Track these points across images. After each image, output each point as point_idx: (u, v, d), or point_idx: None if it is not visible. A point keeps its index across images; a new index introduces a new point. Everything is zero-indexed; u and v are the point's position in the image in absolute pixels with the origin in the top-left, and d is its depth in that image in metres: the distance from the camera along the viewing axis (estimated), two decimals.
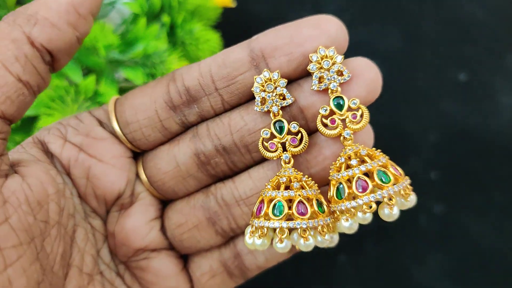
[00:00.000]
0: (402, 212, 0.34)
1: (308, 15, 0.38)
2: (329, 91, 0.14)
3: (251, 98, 0.15)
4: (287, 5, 0.37)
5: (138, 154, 0.18)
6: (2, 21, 0.14)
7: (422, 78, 0.36)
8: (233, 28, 0.37)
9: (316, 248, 0.35)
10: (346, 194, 0.13)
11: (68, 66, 0.25)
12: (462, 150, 0.34)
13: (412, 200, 0.14)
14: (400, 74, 0.29)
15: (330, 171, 0.14)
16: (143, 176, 0.17)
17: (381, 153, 0.14)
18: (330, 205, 0.14)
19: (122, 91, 0.29)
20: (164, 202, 0.18)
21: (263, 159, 0.16)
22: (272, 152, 0.14)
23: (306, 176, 0.14)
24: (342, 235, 0.34)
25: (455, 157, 0.34)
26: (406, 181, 0.14)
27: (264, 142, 0.15)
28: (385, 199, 0.13)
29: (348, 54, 0.38)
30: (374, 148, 0.15)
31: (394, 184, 0.13)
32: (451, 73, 0.35)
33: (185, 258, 0.18)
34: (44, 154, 0.16)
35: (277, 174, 0.14)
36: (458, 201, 0.33)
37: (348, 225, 0.13)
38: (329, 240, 0.14)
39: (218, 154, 0.16)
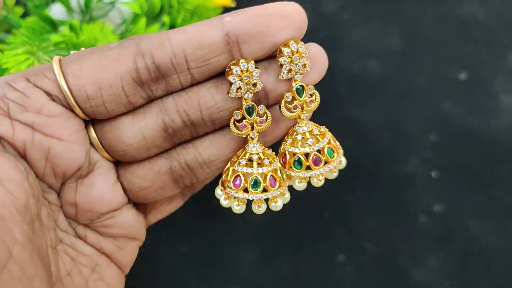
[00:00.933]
0: (402, 212, 0.34)
1: (308, 14, 0.38)
2: (293, 80, 0.17)
3: (218, 75, 0.16)
4: None
5: (87, 121, 0.17)
6: None
7: (422, 77, 0.36)
8: None
9: (315, 248, 0.35)
10: (303, 167, 0.17)
11: None
12: (463, 150, 0.34)
13: (343, 163, 0.19)
14: (400, 73, 0.29)
15: (287, 142, 0.17)
16: (97, 143, 0.17)
17: (326, 129, 0.18)
18: (285, 169, 0.18)
19: None
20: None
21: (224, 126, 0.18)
22: (243, 131, 0.17)
23: (269, 149, 0.17)
24: (342, 235, 0.34)
25: (455, 156, 0.34)
26: (341, 151, 0.18)
27: (236, 123, 0.17)
28: (330, 170, 0.18)
29: (348, 54, 0.38)
30: (322, 126, 0.18)
31: (336, 157, 0.18)
32: (451, 72, 0.35)
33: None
34: None
35: (246, 148, 0.17)
36: (458, 201, 0.33)
37: (301, 186, 0.18)
38: (286, 199, 0.18)
39: (186, 127, 0.17)
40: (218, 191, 0.18)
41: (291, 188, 0.19)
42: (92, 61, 0.15)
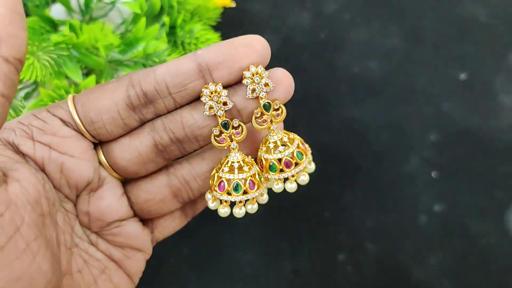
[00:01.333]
0: (403, 212, 0.34)
1: (308, 15, 0.39)
2: (259, 98, 0.19)
3: (197, 98, 0.20)
4: (287, 5, 0.37)
5: (96, 144, 0.21)
6: None
7: (422, 77, 0.36)
8: (233, 28, 0.37)
9: (315, 247, 0.35)
10: (277, 170, 0.20)
11: (68, 66, 0.25)
12: (463, 150, 0.34)
13: (313, 165, 0.21)
14: (400, 73, 0.29)
15: (262, 150, 0.20)
16: (104, 162, 0.20)
17: (295, 135, 0.21)
18: (263, 173, 0.20)
19: None
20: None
21: (208, 142, 0.21)
22: (223, 144, 0.20)
23: (249, 157, 0.20)
24: (342, 235, 0.34)
25: (456, 156, 0.34)
26: (309, 152, 0.21)
27: (215, 137, 0.20)
28: (301, 171, 0.20)
29: (349, 54, 0.38)
30: (290, 133, 0.21)
31: (305, 159, 0.20)
32: (451, 72, 0.35)
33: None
34: (17, 155, 0.19)
35: (228, 157, 0.20)
36: (458, 200, 0.34)
37: (278, 187, 0.20)
38: (263, 200, 0.21)
39: (173, 143, 0.20)
40: (208, 195, 0.21)
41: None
42: (95, 93, 0.19)
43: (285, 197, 0.32)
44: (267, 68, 0.20)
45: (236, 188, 0.20)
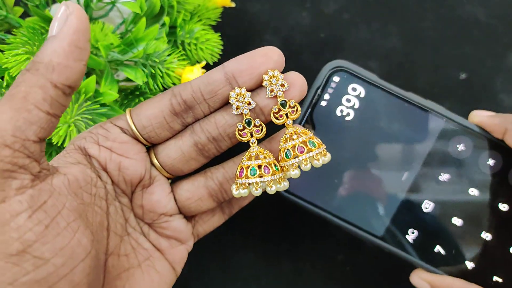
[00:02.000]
0: None
1: (308, 15, 0.38)
2: (277, 97, 0.23)
3: (227, 103, 0.23)
4: (287, 5, 0.37)
5: (149, 148, 0.25)
6: (28, 72, 0.19)
7: (422, 77, 0.36)
8: (233, 28, 0.37)
9: (315, 247, 0.35)
10: (291, 155, 0.22)
11: None
12: None
13: (328, 157, 0.23)
14: (400, 73, 0.29)
15: (280, 142, 0.23)
16: (156, 162, 0.25)
17: (308, 130, 0.23)
18: (280, 163, 0.23)
19: (122, 91, 0.29)
20: (172, 180, 0.26)
21: (240, 146, 0.24)
22: (244, 138, 0.23)
23: (266, 150, 0.23)
24: (342, 235, 0.34)
25: None
26: (323, 146, 0.23)
27: (239, 131, 0.23)
28: (314, 157, 0.22)
29: (349, 54, 0.38)
30: (304, 128, 0.23)
31: (318, 147, 0.22)
32: (451, 72, 0.35)
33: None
34: (84, 157, 0.23)
35: (248, 151, 0.23)
36: None
37: (294, 173, 0.23)
38: (283, 186, 0.23)
39: (210, 142, 0.24)
40: (232, 186, 0.23)
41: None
42: (146, 104, 0.24)
43: (285, 197, 0.32)
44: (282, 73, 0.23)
45: (252, 173, 0.22)
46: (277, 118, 0.23)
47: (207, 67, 0.27)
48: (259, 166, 0.22)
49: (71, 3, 0.20)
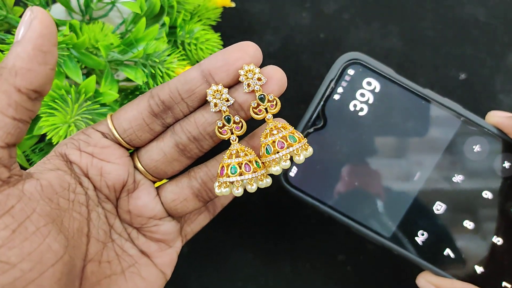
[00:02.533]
0: None
1: (308, 15, 0.38)
2: (255, 91, 0.22)
3: (205, 102, 0.23)
4: (287, 5, 0.37)
5: (132, 152, 0.25)
6: None
7: (423, 77, 0.36)
8: (233, 28, 0.37)
9: (315, 247, 0.35)
10: (272, 151, 0.22)
11: (68, 66, 0.25)
12: None
13: (310, 151, 0.22)
14: (400, 73, 0.29)
15: (261, 138, 0.22)
16: (140, 166, 0.24)
17: (289, 124, 0.23)
18: (261, 159, 0.22)
19: (122, 91, 0.29)
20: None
21: (222, 145, 0.24)
22: (225, 135, 0.23)
23: (246, 147, 0.23)
24: (342, 235, 0.34)
25: None
26: (304, 140, 0.22)
27: (219, 129, 0.23)
28: (295, 151, 0.22)
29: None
30: (284, 123, 0.23)
31: (298, 142, 0.22)
32: (451, 72, 0.35)
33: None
34: (64, 163, 0.23)
35: (229, 148, 0.23)
36: None
37: (275, 169, 0.22)
38: (266, 183, 0.22)
39: (191, 142, 0.23)
40: (215, 184, 0.23)
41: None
42: (125, 108, 0.23)
43: (285, 196, 0.32)
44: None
45: (233, 171, 0.22)
46: (256, 113, 0.22)
47: None
48: (240, 164, 0.22)
49: (36, 8, 0.19)
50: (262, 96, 0.22)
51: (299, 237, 0.35)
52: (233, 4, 0.32)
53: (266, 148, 0.22)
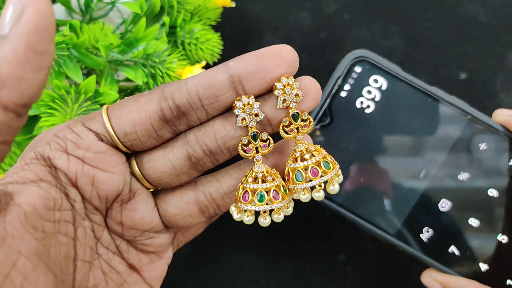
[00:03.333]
0: None
1: (308, 15, 0.38)
2: (289, 108, 0.20)
3: (228, 109, 0.20)
4: (287, 5, 0.37)
5: (129, 154, 0.21)
6: None
7: (423, 77, 0.36)
8: (233, 28, 0.37)
9: (315, 247, 0.35)
10: (303, 178, 0.20)
11: (68, 66, 0.25)
12: None
13: (341, 177, 0.20)
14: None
15: (288, 161, 0.20)
16: (138, 172, 0.21)
17: (321, 147, 0.21)
18: (288, 184, 0.20)
19: (122, 91, 0.29)
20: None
21: (238, 157, 0.21)
22: (249, 154, 0.20)
23: (273, 169, 0.20)
24: (343, 235, 0.34)
25: None
26: (337, 165, 0.20)
27: (243, 146, 0.20)
28: (329, 180, 0.20)
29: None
30: (316, 145, 0.21)
31: (332, 169, 0.20)
32: (451, 72, 0.35)
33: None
34: (47, 170, 0.19)
35: (252, 169, 0.20)
36: None
37: (305, 197, 0.20)
38: (289, 211, 0.20)
39: (206, 155, 0.20)
40: (232, 208, 0.21)
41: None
42: (129, 105, 0.19)
43: None
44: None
45: (260, 198, 0.20)
46: (286, 133, 0.20)
47: (207, 67, 0.27)
48: (268, 191, 0.20)
49: None
50: (296, 114, 0.20)
51: (300, 238, 0.35)
52: (233, 4, 0.32)
53: (296, 174, 0.20)
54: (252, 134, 0.19)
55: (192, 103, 0.19)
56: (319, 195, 0.20)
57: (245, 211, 0.20)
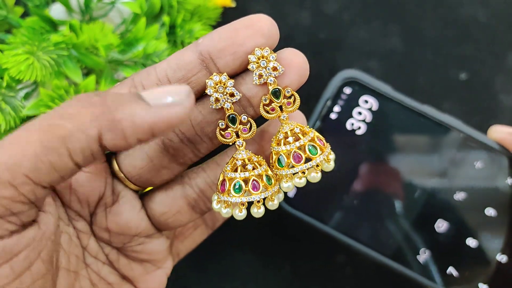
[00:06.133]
0: None
1: (308, 15, 0.38)
2: (268, 84, 0.17)
3: (204, 93, 0.18)
4: (287, 5, 0.37)
5: (109, 154, 0.20)
6: (87, 108, 0.14)
7: (423, 77, 0.36)
8: None
9: (315, 248, 0.35)
10: (285, 163, 0.18)
11: (68, 66, 0.25)
12: None
13: (332, 164, 0.18)
14: (400, 73, 0.29)
15: (272, 142, 0.18)
16: (120, 174, 0.19)
17: (310, 128, 0.18)
18: (273, 169, 0.18)
19: None
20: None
21: (224, 145, 0.19)
22: (228, 139, 0.18)
23: (256, 156, 0.18)
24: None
25: None
26: (328, 148, 0.18)
27: (221, 131, 0.18)
28: (314, 168, 0.18)
29: (349, 54, 0.38)
30: (305, 125, 0.19)
31: (320, 154, 0.18)
32: (451, 72, 0.35)
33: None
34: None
35: (233, 156, 0.18)
36: None
37: (286, 186, 0.18)
38: (276, 205, 0.18)
39: (184, 145, 0.18)
40: (214, 196, 0.19)
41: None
42: None
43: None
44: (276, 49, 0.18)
45: (236, 188, 0.18)
46: (268, 112, 0.18)
47: None
48: (246, 181, 0.18)
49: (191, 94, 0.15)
50: (277, 90, 0.17)
51: (299, 238, 0.35)
52: (233, 4, 0.32)
53: (279, 159, 0.18)
54: (230, 116, 0.17)
55: None
56: (300, 182, 0.18)
57: (222, 201, 0.18)
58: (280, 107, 0.18)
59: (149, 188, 0.21)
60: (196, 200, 0.20)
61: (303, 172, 0.18)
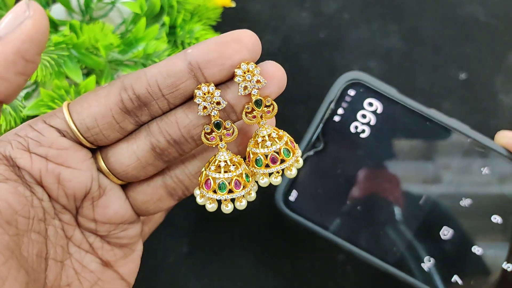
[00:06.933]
0: None
1: (308, 15, 0.38)
2: (251, 95, 0.19)
3: (190, 98, 0.20)
4: (287, 5, 0.37)
5: (95, 149, 0.21)
6: None
7: (422, 77, 0.36)
8: (233, 28, 0.37)
9: (315, 247, 0.35)
10: (262, 164, 0.20)
11: (68, 66, 0.25)
12: None
13: (300, 163, 0.21)
14: (400, 73, 0.29)
15: (251, 144, 0.20)
16: (105, 168, 0.20)
17: (285, 133, 0.21)
18: (249, 167, 0.20)
19: None
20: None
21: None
22: (212, 142, 0.20)
23: (237, 157, 0.20)
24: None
25: None
26: (298, 152, 0.21)
27: (206, 135, 0.20)
28: (287, 168, 0.20)
29: (348, 54, 0.38)
30: (280, 130, 0.21)
31: (292, 156, 0.20)
32: (451, 72, 0.35)
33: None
34: (10, 169, 0.18)
35: (216, 156, 0.20)
36: None
37: (263, 182, 0.21)
38: (254, 195, 0.21)
39: (170, 145, 0.20)
40: (196, 191, 0.21)
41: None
42: (89, 99, 0.19)
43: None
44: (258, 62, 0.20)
45: (221, 187, 0.20)
46: (249, 119, 0.20)
47: None
48: (229, 181, 0.20)
49: (34, 4, 0.16)
50: (259, 100, 0.20)
51: (299, 237, 0.35)
52: (233, 4, 0.32)
53: (256, 159, 0.20)
54: (215, 122, 0.19)
55: (152, 93, 0.19)
56: (276, 181, 0.21)
57: (207, 198, 0.20)
58: (261, 116, 0.20)
59: None
60: (175, 188, 0.22)
61: (278, 172, 0.20)
